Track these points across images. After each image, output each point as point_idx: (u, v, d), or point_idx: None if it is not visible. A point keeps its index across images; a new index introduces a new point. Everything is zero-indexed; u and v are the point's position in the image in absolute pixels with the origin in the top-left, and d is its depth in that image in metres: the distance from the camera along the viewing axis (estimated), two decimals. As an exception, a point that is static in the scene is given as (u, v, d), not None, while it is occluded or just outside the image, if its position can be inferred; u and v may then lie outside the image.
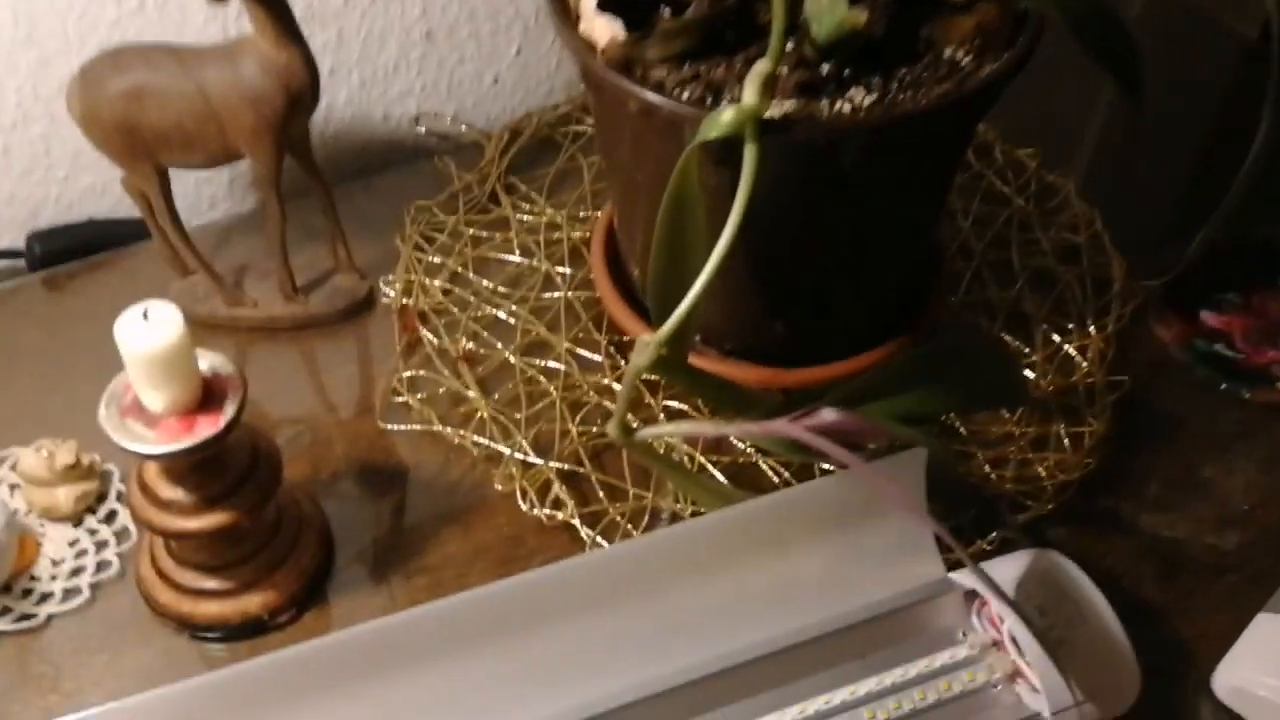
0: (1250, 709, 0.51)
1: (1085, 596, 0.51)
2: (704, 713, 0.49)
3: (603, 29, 0.51)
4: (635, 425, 0.54)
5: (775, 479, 0.58)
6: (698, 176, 0.45)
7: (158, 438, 0.47)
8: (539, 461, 0.58)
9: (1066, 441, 0.59)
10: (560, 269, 0.66)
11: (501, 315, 0.65)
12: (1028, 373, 0.62)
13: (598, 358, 0.62)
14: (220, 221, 0.73)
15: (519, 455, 0.58)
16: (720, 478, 0.58)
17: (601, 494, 0.57)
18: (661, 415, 0.60)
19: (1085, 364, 0.62)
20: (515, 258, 0.68)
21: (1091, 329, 0.64)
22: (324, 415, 0.62)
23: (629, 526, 0.56)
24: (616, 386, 0.61)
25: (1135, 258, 0.67)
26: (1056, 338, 0.63)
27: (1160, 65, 0.53)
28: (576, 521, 0.56)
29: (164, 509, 0.49)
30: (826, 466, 0.58)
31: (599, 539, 0.56)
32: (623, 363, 0.62)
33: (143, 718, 0.43)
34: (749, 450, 0.59)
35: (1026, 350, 0.63)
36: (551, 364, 0.62)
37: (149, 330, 0.45)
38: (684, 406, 0.60)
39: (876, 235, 0.56)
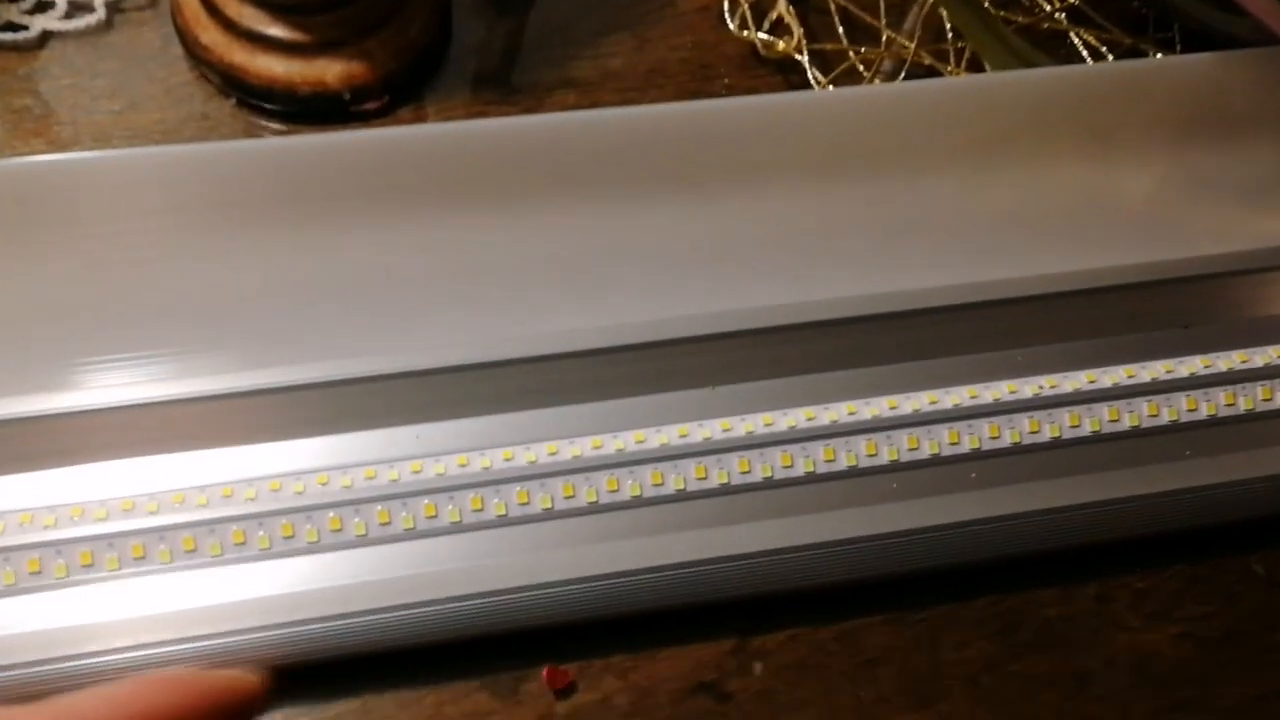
0: None
1: None
2: (946, 358, 0.34)
3: None
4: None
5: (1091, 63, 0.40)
6: None
7: None
8: (759, -34, 0.40)
9: None
10: None
11: None
12: None
13: None
14: None
15: (732, -48, 0.41)
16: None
17: (841, 29, 0.40)
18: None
19: None
20: None
21: None
22: None
23: (874, 81, 0.39)
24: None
25: None
26: None
27: None
28: (803, 57, 0.39)
29: (219, -112, 0.32)
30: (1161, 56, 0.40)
31: (830, 88, 0.39)
32: None
33: (154, 170, 0.29)
34: (1060, 15, 0.41)
35: None
36: None
37: None
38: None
39: None
